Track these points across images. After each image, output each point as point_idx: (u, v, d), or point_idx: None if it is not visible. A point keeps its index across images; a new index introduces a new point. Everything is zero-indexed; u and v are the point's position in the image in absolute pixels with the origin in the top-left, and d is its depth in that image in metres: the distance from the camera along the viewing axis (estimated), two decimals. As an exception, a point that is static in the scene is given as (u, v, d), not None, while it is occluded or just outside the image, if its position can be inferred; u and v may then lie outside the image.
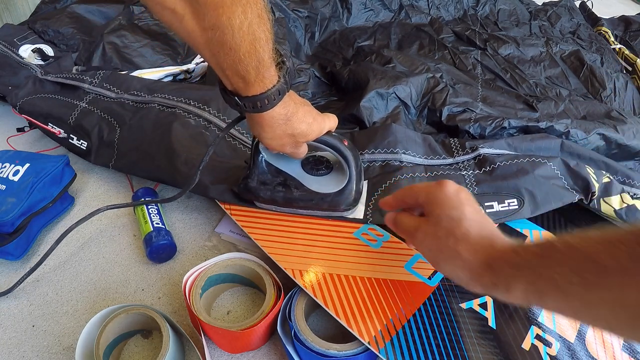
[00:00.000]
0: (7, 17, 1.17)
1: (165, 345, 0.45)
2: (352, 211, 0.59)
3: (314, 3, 1.14)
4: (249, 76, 0.41)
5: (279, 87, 0.43)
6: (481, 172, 0.64)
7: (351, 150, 0.55)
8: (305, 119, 0.48)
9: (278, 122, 0.46)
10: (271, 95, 0.43)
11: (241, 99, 0.43)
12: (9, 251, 0.59)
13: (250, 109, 0.44)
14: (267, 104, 0.43)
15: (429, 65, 0.91)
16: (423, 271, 0.52)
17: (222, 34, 0.37)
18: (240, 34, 0.37)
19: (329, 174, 0.58)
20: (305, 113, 0.48)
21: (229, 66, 0.40)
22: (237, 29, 0.37)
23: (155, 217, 0.62)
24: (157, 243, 0.58)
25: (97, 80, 0.79)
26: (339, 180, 0.57)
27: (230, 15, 0.36)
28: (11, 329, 0.53)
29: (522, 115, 0.79)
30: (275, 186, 0.57)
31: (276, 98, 0.43)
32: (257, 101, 0.43)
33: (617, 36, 1.33)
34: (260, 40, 0.39)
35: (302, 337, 0.46)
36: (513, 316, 0.49)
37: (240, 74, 0.41)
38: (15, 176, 0.62)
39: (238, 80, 0.42)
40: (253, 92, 0.42)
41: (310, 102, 0.52)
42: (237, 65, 0.40)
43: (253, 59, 0.39)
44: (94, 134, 0.72)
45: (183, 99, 0.73)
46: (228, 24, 0.37)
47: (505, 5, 1.36)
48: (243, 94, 0.43)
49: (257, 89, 0.42)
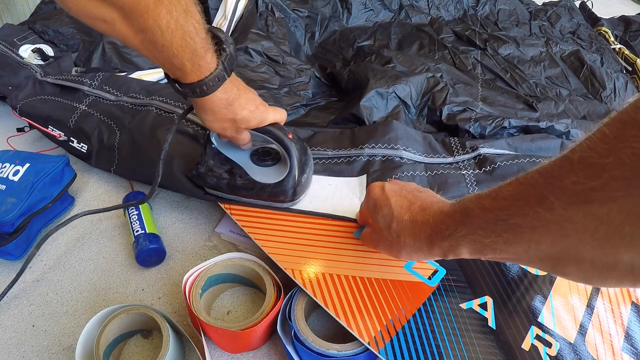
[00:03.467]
0: (7, 17, 1.17)
1: (165, 345, 0.45)
2: (293, 203, 0.60)
3: (314, 3, 1.14)
4: (185, 67, 0.43)
5: (217, 73, 0.45)
6: (481, 172, 0.64)
7: (295, 142, 0.56)
8: (248, 106, 0.50)
9: (219, 107, 0.48)
10: (209, 81, 0.45)
11: (182, 86, 0.46)
12: (9, 251, 0.59)
13: (191, 94, 0.46)
14: (206, 90, 0.46)
15: (429, 65, 0.91)
16: (423, 271, 0.52)
17: (152, 35, 0.40)
18: (169, 32, 0.40)
19: (274, 165, 0.60)
20: (248, 100, 0.51)
21: (165, 61, 0.43)
22: (165, 29, 0.39)
23: (135, 223, 0.61)
24: (139, 251, 0.58)
25: (96, 82, 0.79)
26: (282, 172, 0.58)
27: (156, 17, 0.39)
28: (11, 329, 0.53)
29: (522, 116, 0.79)
30: (222, 173, 0.59)
31: (215, 84, 0.46)
32: (196, 88, 0.45)
33: (617, 36, 1.33)
34: (190, 34, 0.41)
35: (302, 337, 0.46)
36: (513, 316, 0.49)
37: (176, 66, 0.43)
38: (15, 176, 0.62)
39: (176, 71, 0.44)
40: (191, 80, 0.45)
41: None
42: (172, 60, 0.42)
43: (186, 52, 0.42)
44: (94, 137, 0.72)
45: (180, 103, 0.73)
46: (155, 26, 0.39)
47: (505, 5, 1.36)
48: (183, 81, 0.45)
49: (194, 77, 0.44)
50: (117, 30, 0.40)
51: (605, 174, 0.23)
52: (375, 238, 0.48)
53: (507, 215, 0.31)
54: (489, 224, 0.32)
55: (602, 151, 0.23)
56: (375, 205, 0.47)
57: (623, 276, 0.26)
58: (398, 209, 0.43)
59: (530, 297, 0.51)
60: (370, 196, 0.48)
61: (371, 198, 0.48)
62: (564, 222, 0.27)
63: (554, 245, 0.28)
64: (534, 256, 0.30)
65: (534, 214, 0.28)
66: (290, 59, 0.92)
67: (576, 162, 0.25)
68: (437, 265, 0.53)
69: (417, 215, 0.42)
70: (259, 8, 1.03)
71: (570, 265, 0.29)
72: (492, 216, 0.32)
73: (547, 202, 0.27)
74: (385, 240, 0.45)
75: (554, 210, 0.27)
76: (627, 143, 0.22)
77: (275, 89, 0.86)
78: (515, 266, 0.54)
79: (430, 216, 0.40)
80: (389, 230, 0.44)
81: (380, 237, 0.46)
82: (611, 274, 0.26)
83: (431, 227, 0.39)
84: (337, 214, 0.59)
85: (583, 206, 0.25)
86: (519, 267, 0.54)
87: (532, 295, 0.51)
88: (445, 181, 0.64)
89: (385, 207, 0.45)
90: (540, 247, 0.29)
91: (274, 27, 1.00)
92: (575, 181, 0.25)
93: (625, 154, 0.22)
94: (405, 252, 0.43)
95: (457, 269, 0.53)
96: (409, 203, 0.43)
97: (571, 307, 0.51)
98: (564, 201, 0.26)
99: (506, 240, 0.31)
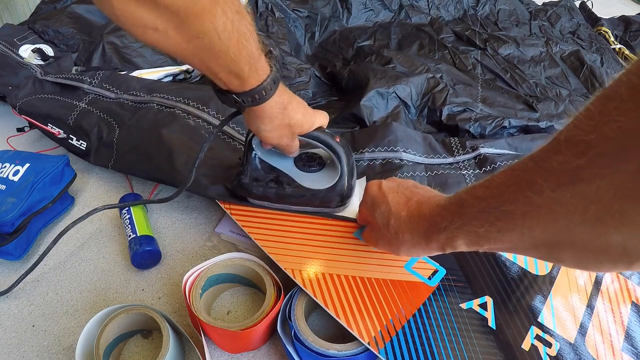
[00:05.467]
0: (7, 17, 1.17)
1: (165, 345, 0.45)
2: (344, 207, 0.59)
3: (314, 3, 1.14)
4: (243, 73, 0.41)
5: (272, 76, 0.43)
6: (482, 172, 0.64)
7: (343, 146, 0.55)
8: (299, 109, 0.49)
9: (276, 112, 0.46)
10: (267, 85, 0.43)
11: (239, 95, 0.43)
12: (9, 251, 0.59)
13: (250, 102, 0.44)
14: (264, 95, 0.44)
15: (429, 65, 0.91)
16: (423, 271, 0.52)
17: (209, 40, 0.37)
18: (226, 34, 0.37)
19: (321, 170, 0.59)
20: (298, 103, 0.49)
21: (222, 69, 0.40)
22: (222, 31, 0.37)
23: (127, 228, 0.61)
24: (132, 255, 0.58)
25: (96, 80, 0.79)
26: (331, 177, 0.57)
27: (212, 19, 0.36)
28: (11, 329, 0.53)
29: (522, 116, 0.79)
30: (268, 182, 0.57)
31: (272, 88, 0.44)
32: (255, 94, 0.43)
33: (617, 36, 1.33)
34: (245, 35, 0.39)
35: (302, 337, 0.46)
36: (513, 316, 0.49)
37: (234, 72, 0.41)
38: (15, 176, 0.62)
39: (233, 79, 0.42)
40: (250, 87, 0.42)
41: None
42: (230, 66, 0.40)
43: (244, 55, 0.40)
44: (93, 134, 0.72)
45: (182, 99, 0.73)
46: (212, 29, 0.37)
47: (505, 5, 1.36)
48: (240, 90, 0.43)
49: (252, 82, 0.42)
50: (170, 39, 0.37)
51: (591, 150, 0.23)
52: (375, 236, 0.48)
53: (499, 203, 0.30)
54: (483, 213, 0.32)
55: (587, 128, 0.23)
56: (373, 203, 0.47)
57: (617, 259, 0.25)
58: (395, 206, 0.43)
59: (530, 297, 0.51)
60: (368, 194, 0.48)
61: (369, 196, 0.48)
62: (554, 204, 0.26)
63: (546, 230, 0.28)
64: (528, 244, 0.30)
65: (525, 199, 0.28)
66: (291, 58, 0.92)
67: (562, 141, 0.25)
68: (437, 265, 0.53)
69: (414, 210, 0.41)
70: (259, 8, 1.04)
71: (564, 251, 0.28)
72: (485, 205, 0.32)
73: (537, 186, 0.27)
74: (384, 237, 0.45)
75: (543, 193, 0.26)
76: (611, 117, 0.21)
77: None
78: (515, 266, 0.54)
79: (427, 210, 0.40)
80: (387, 227, 0.44)
81: (380, 234, 0.46)
82: (605, 256, 0.26)
83: (428, 220, 0.39)
84: (337, 213, 0.59)
85: (571, 186, 0.25)
86: (519, 267, 0.54)
87: (532, 295, 0.51)
88: (446, 181, 0.64)
89: (382, 204, 0.45)
90: (533, 233, 0.29)
91: (274, 27, 1.01)
92: (562, 161, 0.25)
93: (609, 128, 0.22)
94: (405, 248, 0.43)
95: (457, 269, 0.53)
96: (406, 199, 0.43)
97: (571, 307, 0.51)
98: (552, 183, 0.26)
99: (500, 229, 0.31)
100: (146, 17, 0.35)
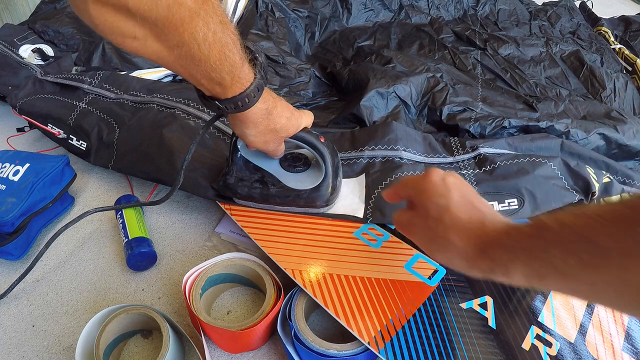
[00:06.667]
0: (7, 17, 1.17)
1: (165, 345, 0.45)
2: (328, 208, 0.60)
3: (314, 3, 1.15)
4: (224, 81, 0.41)
5: (256, 83, 0.43)
6: (481, 172, 0.64)
7: (327, 147, 0.55)
8: (284, 113, 0.49)
9: (260, 118, 0.46)
10: (250, 93, 0.43)
11: (221, 102, 0.43)
12: (9, 251, 0.59)
13: (232, 109, 0.44)
14: (247, 102, 0.43)
15: (429, 65, 0.91)
16: (423, 271, 0.52)
17: (189, 50, 0.37)
18: (207, 45, 0.37)
19: (305, 170, 0.59)
20: (283, 107, 0.49)
21: (203, 76, 0.40)
22: (202, 42, 0.37)
23: (122, 231, 0.61)
24: (127, 258, 0.58)
25: (96, 80, 0.79)
26: (316, 177, 0.57)
27: (193, 31, 0.36)
28: (11, 329, 0.53)
29: (522, 116, 0.79)
30: (253, 183, 0.58)
31: (256, 95, 0.44)
32: (238, 101, 0.43)
33: (617, 36, 1.33)
34: (228, 45, 0.39)
35: (302, 337, 0.46)
36: (513, 316, 0.49)
37: (215, 80, 0.41)
38: (15, 176, 0.62)
39: (215, 86, 0.42)
40: (232, 94, 0.42)
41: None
42: (211, 74, 0.40)
43: (225, 64, 0.39)
44: (94, 134, 0.72)
45: (182, 99, 0.73)
46: (192, 40, 0.36)
47: (505, 5, 1.36)
48: (222, 97, 0.43)
49: (235, 89, 0.42)
50: (149, 47, 0.37)
51: None
52: (417, 224, 0.42)
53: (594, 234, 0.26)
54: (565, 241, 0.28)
55: None
56: (431, 191, 0.41)
57: None
58: (456, 204, 0.39)
59: (530, 297, 0.51)
60: (429, 179, 0.42)
61: (430, 182, 0.42)
62: None
63: None
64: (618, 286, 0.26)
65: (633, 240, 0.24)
66: (290, 59, 0.92)
67: None
68: (437, 265, 0.53)
69: (476, 218, 0.38)
70: (259, 8, 1.04)
71: None
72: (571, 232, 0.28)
73: None
74: (428, 230, 0.41)
75: None
76: None
77: (275, 89, 0.86)
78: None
79: (492, 223, 0.36)
80: (437, 222, 0.39)
81: (424, 225, 0.41)
82: None
83: (489, 234, 0.36)
84: (337, 213, 0.59)
85: None
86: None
87: (532, 295, 0.51)
88: (445, 181, 0.64)
89: (442, 197, 0.40)
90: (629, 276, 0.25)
91: (274, 27, 1.01)
92: None
93: None
94: (446, 253, 0.39)
95: (457, 269, 0.53)
96: (469, 203, 0.39)
97: (571, 306, 0.51)
98: None
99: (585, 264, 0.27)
100: (124, 27, 0.35)
